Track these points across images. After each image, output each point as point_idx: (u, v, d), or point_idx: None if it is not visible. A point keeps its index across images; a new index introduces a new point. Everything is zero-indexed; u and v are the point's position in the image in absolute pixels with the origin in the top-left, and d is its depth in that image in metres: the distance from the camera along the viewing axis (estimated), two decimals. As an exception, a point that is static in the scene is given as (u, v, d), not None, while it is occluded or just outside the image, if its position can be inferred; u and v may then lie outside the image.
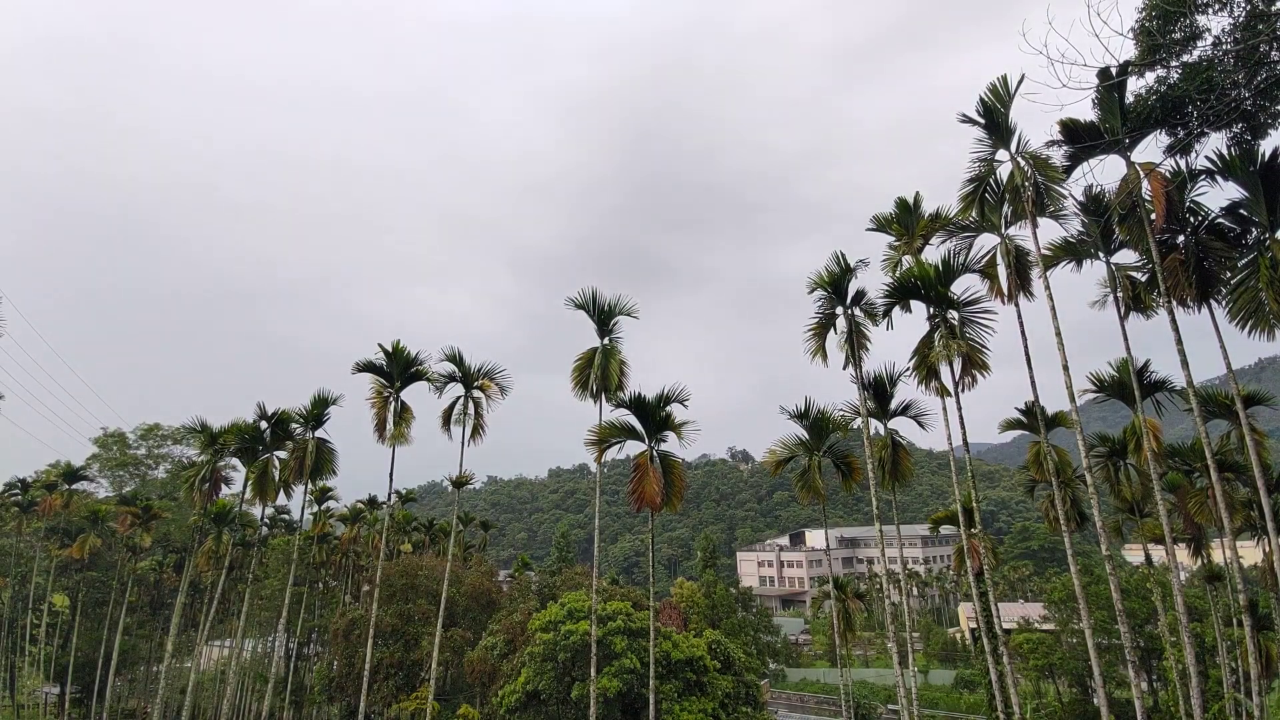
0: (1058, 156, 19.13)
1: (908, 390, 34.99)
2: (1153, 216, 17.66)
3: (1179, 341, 17.92)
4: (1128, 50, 13.81)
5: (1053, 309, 19.09)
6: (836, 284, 24.09)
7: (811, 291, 24.56)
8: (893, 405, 26.06)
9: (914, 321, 23.88)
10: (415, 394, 34.64)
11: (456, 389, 30.52)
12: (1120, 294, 20.99)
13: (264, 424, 34.11)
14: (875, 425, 26.14)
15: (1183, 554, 28.39)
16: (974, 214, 20.98)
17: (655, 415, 24.91)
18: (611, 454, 26.76)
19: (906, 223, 25.21)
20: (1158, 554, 36.84)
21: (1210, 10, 11.56)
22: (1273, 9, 11.07)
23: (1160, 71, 13.74)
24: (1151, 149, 19.21)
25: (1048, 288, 19.32)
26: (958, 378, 21.91)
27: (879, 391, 25.76)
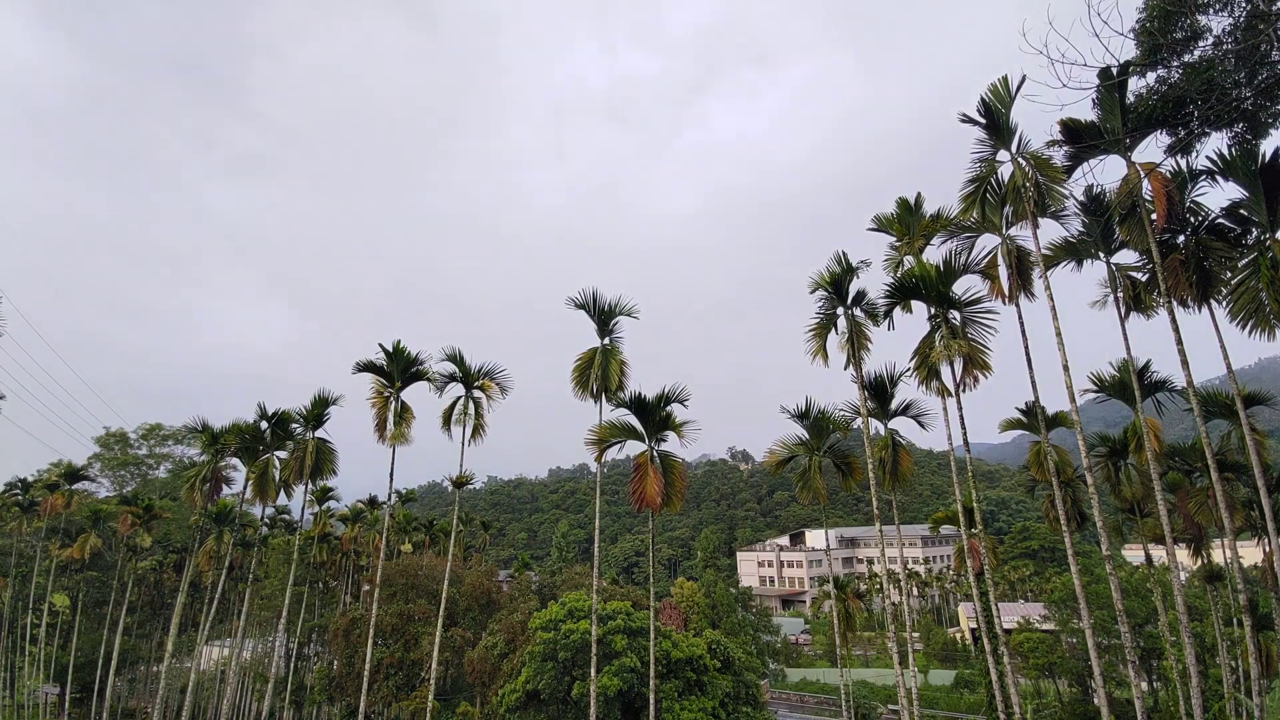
0: (1058, 157, 19.12)
1: (908, 390, 34.91)
2: (1153, 216, 17.68)
3: (1179, 341, 17.94)
4: (1128, 50, 13.80)
5: (1053, 309, 19.11)
6: (837, 284, 24.07)
7: (813, 291, 24.54)
8: (893, 405, 26.05)
9: (915, 321, 23.89)
10: (415, 394, 34.67)
11: (457, 389, 30.52)
12: (1121, 294, 21.01)
13: (264, 424, 34.17)
14: (875, 425, 26.15)
15: (1183, 554, 28.38)
16: (975, 214, 20.97)
17: (655, 415, 24.92)
18: (612, 454, 26.76)
19: (908, 223, 25.21)
20: (1158, 554, 36.85)
21: (1211, 10, 11.55)
22: (1273, 9, 11.08)
23: (1161, 71, 13.72)
24: (1152, 149, 19.24)
25: (1048, 288, 19.34)
26: (959, 378, 21.91)
27: (879, 391, 25.75)
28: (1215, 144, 16.56)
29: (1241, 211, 17.61)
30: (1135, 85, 16.10)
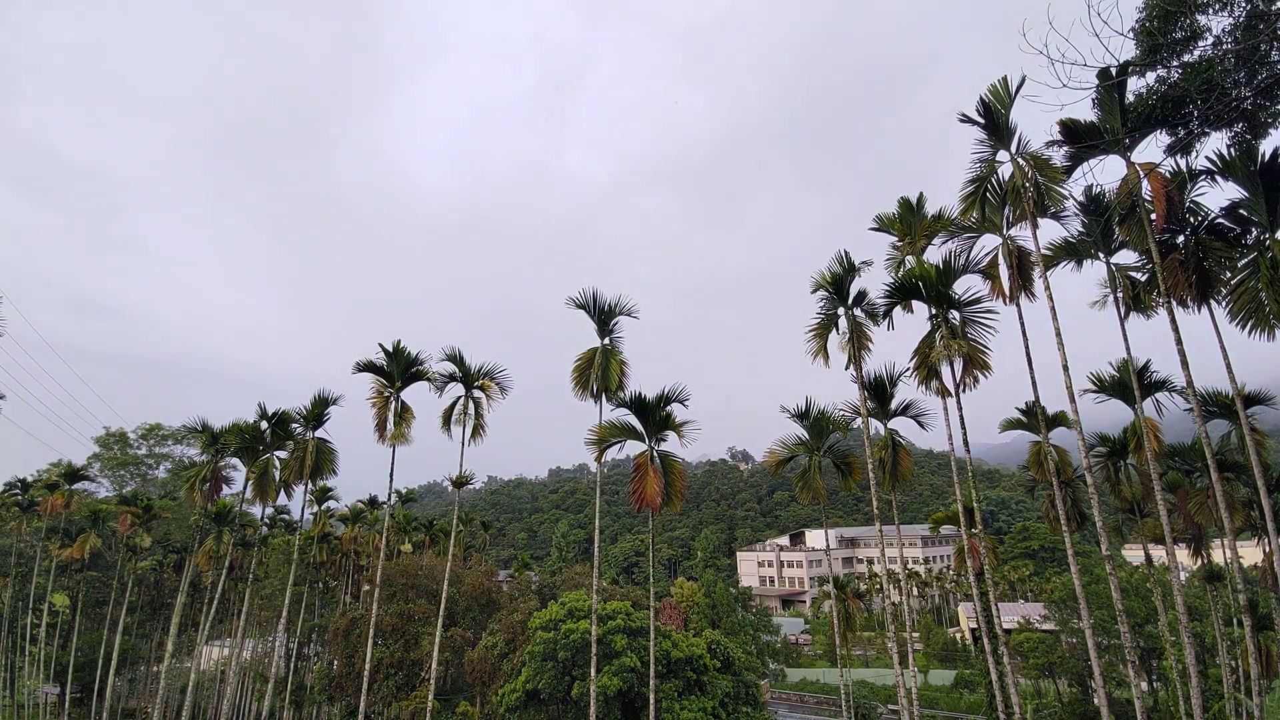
0: (1058, 157, 19.11)
1: (908, 390, 34.86)
2: (1153, 216, 17.68)
3: (1179, 341, 17.94)
4: (1128, 50, 13.79)
5: (1053, 309, 19.12)
6: (838, 284, 24.08)
7: (814, 291, 24.56)
8: (893, 405, 26.06)
9: (915, 321, 23.89)
10: (415, 394, 34.70)
11: (457, 389, 30.54)
12: (1120, 294, 21.02)
13: (265, 424, 34.15)
14: (875, 425, 26.14)
15: (1183, 554, 28.41)
16: (975, 215, 20.99)
17: (655, 415, 24.93)
18: (612, 454, 26.79)
19: (909, 223, 25.23)
20: (1158, 554, 36.88)
21: (1211, 10, 11.56)
22: (1273, 9, 11.09)
23: (1161, 71, 13.72)
24: (1151, 149, 19.23)
25: (1048, 288, 19.35)
26: (959, 378, 21.92)
27: (879, 391, 25.76)
28: (1215, 144, 16.59)
29: (1241, 211, 17.61)
30: (1135, 85, 16.10)
